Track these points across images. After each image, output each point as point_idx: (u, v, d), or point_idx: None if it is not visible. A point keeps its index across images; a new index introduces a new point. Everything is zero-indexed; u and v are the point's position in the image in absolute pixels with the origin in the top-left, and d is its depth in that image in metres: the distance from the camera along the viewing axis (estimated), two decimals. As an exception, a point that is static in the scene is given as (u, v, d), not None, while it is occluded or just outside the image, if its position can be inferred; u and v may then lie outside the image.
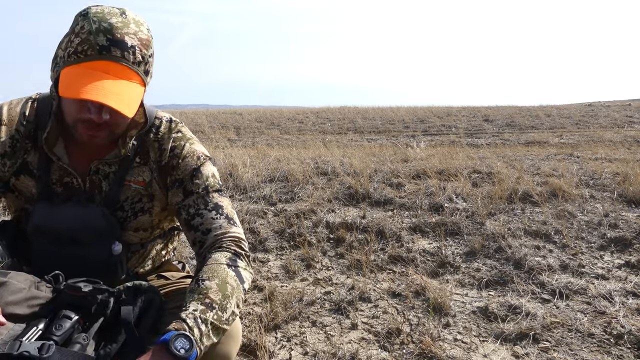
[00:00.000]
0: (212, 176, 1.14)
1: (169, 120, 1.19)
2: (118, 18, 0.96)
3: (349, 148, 6.80)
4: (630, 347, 1.62)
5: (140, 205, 1.16)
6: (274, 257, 2.47)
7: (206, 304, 0.91)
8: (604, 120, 11.69)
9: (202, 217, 1.09)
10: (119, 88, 0.95)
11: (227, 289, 0.96)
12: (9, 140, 1.08)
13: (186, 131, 1.20)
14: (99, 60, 0.95)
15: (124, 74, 0.97)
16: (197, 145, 1.17)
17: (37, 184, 1.10)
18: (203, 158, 1.15)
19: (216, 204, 1.10)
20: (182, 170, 1.12)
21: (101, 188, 1.12)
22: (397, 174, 3.83)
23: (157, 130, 1.16)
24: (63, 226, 1.07)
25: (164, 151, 1.14)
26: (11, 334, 0.82)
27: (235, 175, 3.74)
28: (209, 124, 12.85)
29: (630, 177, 3.44)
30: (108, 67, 0.95)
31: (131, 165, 1.13)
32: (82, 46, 0.94)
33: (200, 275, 0.97)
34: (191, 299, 0.92)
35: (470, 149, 6.68)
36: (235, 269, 1.01)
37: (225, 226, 1.08)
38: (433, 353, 1.58)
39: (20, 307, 0.89)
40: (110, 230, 1.10)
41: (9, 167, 1.09)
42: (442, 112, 14.35)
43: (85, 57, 0.95)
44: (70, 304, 0.90)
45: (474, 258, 2.37)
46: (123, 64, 0.96)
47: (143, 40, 0.99)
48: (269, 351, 1.60)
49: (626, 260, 2.27)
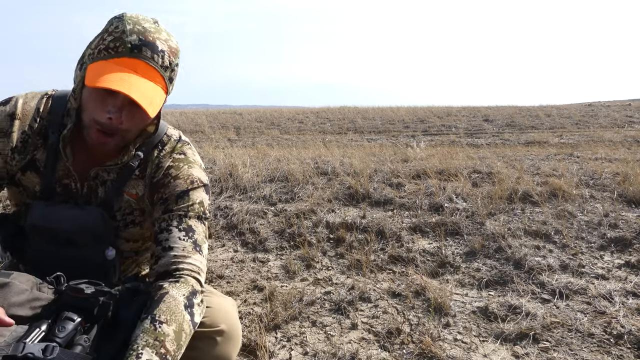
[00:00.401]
0: (198, 203, 1.10)
1: (177, 139, 1.18)
2: (151, 24, 1.00)
3: (349, 148, 6.80)
4: (630, 347, 1.62)
5: (132, 217, 1.16)
6: (274, 257, 2.47)
7: (161, 355, 0.85)
8: (604, 120, 11.69)
9: (169, 234, 1.04)
10: (144, 86, 0.96)
11: (181, 338, 0.91)
12: (21, 135, 1.07)
13: (191, 154, 1.18)
14: (128, 58, 0.96)
15: (151, 75, 0.98)
16: (195, 170, 1.15)
17: (42, 181, 1.10)
18: (197, 183, 1.12)
19: (189, 227, 1.06)
20: (170, 190, 1.10)
21: (97, 194, 1.12)
22: (397, 174, 3.83)
23: (162, 148, 1.15)
24: (60, 226, 1.07)
25: (160, 169, 1.13)
26: (14, 335, 0.82)
27: (235, 175, 3.74)
28: (209, 124, 12.84)
29: (630, 177, 3.43)
30: (137, 65, 0.97)
31: (130, 176, 1.13)
32: (115, 43, 0.96)
33: (158, 315, 0.91)
34: (145, 343, 0.86)
35: (470, 149, 6.68)
36: (190, 312, 0.96)
37: (188, 250, 1.03)
38: (433, 353, 1.58)
39: (23, 309, 0.89)
40: (105, 233, 1.10)
41: (17, 162, 1.08)
42: (442, 112, 14.35)
43: (115, 53, 0.96)
44: (73, 306, 0.90)
45: (474, 258, 2.37)
46: (151, 64, 0.98)
47: (172, 48, 1.02)
48: (269, 351, 1.61)
49: (626, 260, 2.27)
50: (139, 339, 0.87)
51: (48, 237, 1.08)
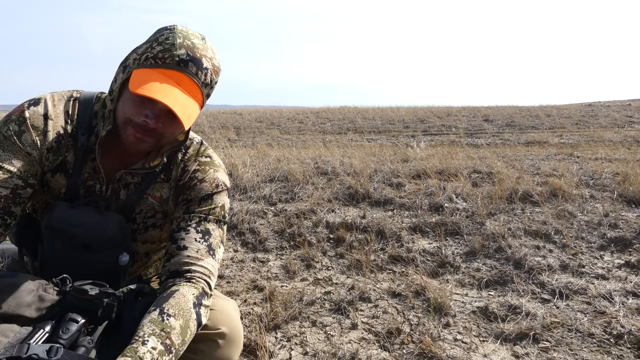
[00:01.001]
0: (220, 206, 1.14)
1: (200, 142, 1.21)
2: (200, 41, 1.02)
3: (349, 148, 6.80)
4: (630, 347, 1.62)
5: (153, 220, 1.17)
6: (274, 257, 2.47)
7: (166, 345, 0.86)
8: (604, 120, 11.69)
9: (186, 233, 1.07)
10: (186, 101, 0.98)
11: (187, 334, 0.92)
12: (56, 136, 1.07)
13: (215, 158, 1.21)
14: (174, 71, 0.98)
15: (192, 91, 1.00)
16: (221, 174, 1.18)
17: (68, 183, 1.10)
18: (222, 187, 1.16)
19: (207, 230, 1.09)
20: (196, 193, 1.13)
21: (119, 196, 1.12)
22: (397, 174, 3.83)
23: (185, 151, 1.17)
24: (78, 231, 1.07)
25: (186, 172, 1.15)
26: (18, 337, 0.82)
27: (235, 175, 3.74)
28: (209, 123, 12.85)
29: (630, 177, 3.43)
30: (181, 79, 0.98)
31: (155, 180, 1.14)
32: (163, 54, 0.98)
33: (167, 309, 0.92)
34: (151, 332, 0.87)
35: (470, 149, 6.69)
36: (197, 312, 0.97)
37: (202, 253, 1.05)
38: (433, 353, 1.58)
39: (29, 309, 0.89)
40: (122, 240, 1.11)
41: (50, 163, 1.08)
42: (442, 112, 14.35)
43: (163, 64, 0.98)
44: (77, 307, 0.90)
45: (474, 258, 2.37)
46: (195, 80, 1.00)
47: (215, 67, 1.04)
48: (269, 351, 1.61)
49: (626, 260, 2.27)
50: (145, 327, 0.88)
51: (65, 240, 1.08)
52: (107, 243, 1.09)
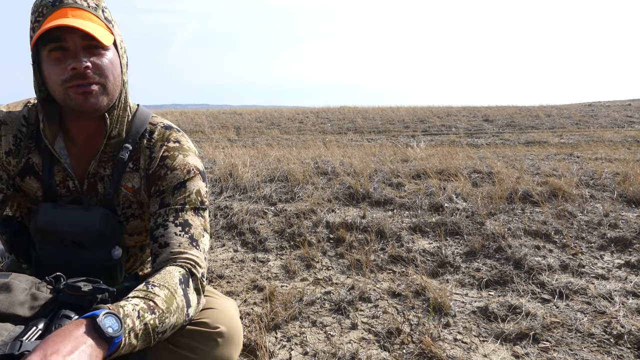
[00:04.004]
0: (195, 192, 1.09)
1: (165, 127, 1.16)
2: None
3: (349, 148, 6.79)
4: (630, 347, 1.62)
5: (131, 211, 1.16)
6: (274, 257, 2.47)
7: (149, 306, 0.86)
8: (604, 120, 11.68)
9: (165, 229, 1.03)
10: (82, 19, 0.96)
11: (172, 304, 0.90)
12: (13, 139, 1.08)
13: (185, 141, 1.16)
14: (56, 12, 0.95)
15: (84, 16, 0.97)
16: (191, 158, 1.13)
17: (42, 185, 1.10)
18: (193, 172, 1.11)
19: (186, 221, 1.05)
20: (168, 182, 1.09)
21: (97, 190, 1.12)
22: (397, 174, 3.83)
23: (150, 137, 1.14)
24: (66, 229, 1.07)
25: (154, 159, 1.11)
26: (11, 335, 0.82)
27: (235, 175, 3.74)
28: (209, 123, 12.85)
29: (630, 177, 3.43)
30: (66, 12, 0.96)
31: (124, 169, 1.12)
32: (38, 9, 0.97)
33: (151, 280, 0.92)
34: (135, 294, 0.87)
35: (470, 149, 6.68)
36: (184, 289, 0.95)
37: (185, 246, 1.02)
38: (433, 353, 1.58)
39: (22, 308, 0.89)
40: (112, 233, 1.10)
41: (14, 167, 1.09)
42: (442, 112, 14.34)
43: (42, 17, 0.96)
44: (70, 304, 0.90)
45: (474, 258, 2.37)
46: (78, 7, 0.97)
47: None
48: (269, 351, 1.60)
49: (626, 260, 2.27)
50: (130, 294, 0.88)
51: (54, 240, 1.08)
52: (97, 238, 1.08)
